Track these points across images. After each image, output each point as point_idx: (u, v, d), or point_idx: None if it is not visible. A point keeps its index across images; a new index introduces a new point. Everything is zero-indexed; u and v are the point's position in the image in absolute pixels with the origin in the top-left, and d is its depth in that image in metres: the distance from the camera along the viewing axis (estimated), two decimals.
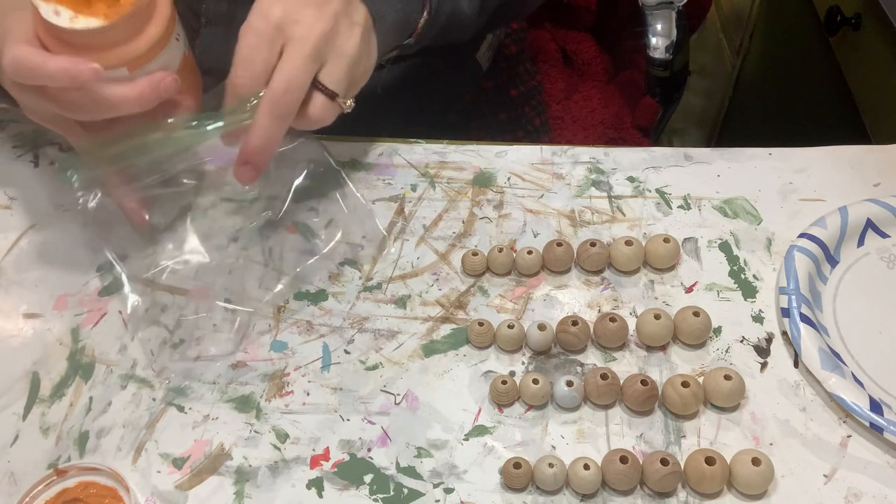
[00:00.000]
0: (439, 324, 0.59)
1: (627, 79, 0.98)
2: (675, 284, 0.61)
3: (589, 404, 0.55)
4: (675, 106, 0.99)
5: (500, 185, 0.68)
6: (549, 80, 0.93)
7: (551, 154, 0.70)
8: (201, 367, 0.57)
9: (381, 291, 0.61)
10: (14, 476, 0.52)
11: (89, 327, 0.59)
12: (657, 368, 0.56)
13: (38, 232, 0.65)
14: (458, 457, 0.52)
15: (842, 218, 0.62)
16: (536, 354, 0.57)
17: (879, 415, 0.51)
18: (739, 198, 0.66)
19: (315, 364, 0.57)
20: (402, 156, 0.70)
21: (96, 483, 0.50)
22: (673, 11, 0.92)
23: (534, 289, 0.61)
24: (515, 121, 0.86)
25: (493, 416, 0.54)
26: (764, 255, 0.62)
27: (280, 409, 0.55)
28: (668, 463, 0.49)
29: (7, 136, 0.72)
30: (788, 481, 0.50)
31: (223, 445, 0.53)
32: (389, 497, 0.50)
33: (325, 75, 0.52)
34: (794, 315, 0.57)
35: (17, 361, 0.57)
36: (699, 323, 0.56)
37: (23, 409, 0.55)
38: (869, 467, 0.51)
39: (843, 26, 1.04)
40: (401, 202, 0.67)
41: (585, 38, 0.98)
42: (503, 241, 0.64)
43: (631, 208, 0.66)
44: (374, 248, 0.63)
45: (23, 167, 0.70)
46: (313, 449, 0.53)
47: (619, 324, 0.56)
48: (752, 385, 0.55)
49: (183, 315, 0.60)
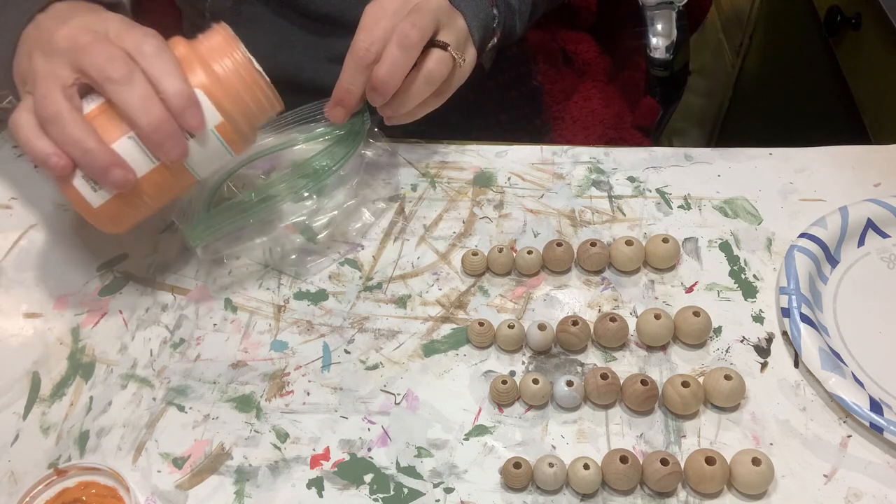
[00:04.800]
0: (439, 324, 0.59)
1: (627, 79, 0.98)
2: (676, 284, 0.61)
3: (589, 404, 0.55)
4: (675, 106, 0.99)
5: (500, 185, 0.68)
6: (549, 81, 0.93)
7: (552, 154, 0.70)
8: (201, 366, 0.57)
9: (382, 291, 0.61)
10: (14, 476, 0.52)
11: (90, 327, 0.59)
12: (657, 368, 0.56)
13: (39, 232, 0.65)
14: (458, 457, 0.52)
15: (842, 218, 0.62)
16: (536, 354, 0.57)
17: (879, 415, 0.51)
18: (740, 198, 0.66)
19: (315, 364, 0.57)
20: (403, 155, 0.70)
21: (96, 483, 0.50)
22: (673, 11, 0.92)
23: (534, 289, 0.61)
24: (516, 121, 0.86)
25: (494, 415, 0.54)
26: (764, 255, 0.62)
27: (280, 408, 0.55)
28: (668, 463, 0.49)
29: (7, 136, 0.72)
30: (788, 481, 0.50)
31: (223, 445, 0.53)
32: (389, 497, 0.50)
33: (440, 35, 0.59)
34: (794, 315, 0.57)
35: (18, 361, 0.57)
36: (699, 323, 0.56)
37: (23, 408, 0.55)
38: (869, 467, 0.51)
39: (843, 26, 1.04)
40: (401, 202, 0.67)
41: (585, 38, 0.98)
42: (503, 241, 0.64)
43: (631, 208, 0.66)
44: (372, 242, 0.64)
45: (23, 167, 0.70)
46: (313, 448, 0.53)
47: (620, 324, 0.56)
48: (752, 385, 0.55)
49: (183, 315, 0.60)
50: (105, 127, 0.50)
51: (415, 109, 0.61)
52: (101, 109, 0.51)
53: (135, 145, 0.51)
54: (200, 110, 0.51)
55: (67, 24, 0.51)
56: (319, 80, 0.63)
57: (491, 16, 0.64)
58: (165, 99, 0.50)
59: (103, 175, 0.50)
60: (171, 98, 0.50)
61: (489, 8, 0.64)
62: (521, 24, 0.70)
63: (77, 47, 0.50)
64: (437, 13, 0.58)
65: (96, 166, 0.49)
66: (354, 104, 0.59)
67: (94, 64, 0.49)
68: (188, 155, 0.52)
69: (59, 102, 0.49)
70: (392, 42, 0.56)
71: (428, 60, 0.59)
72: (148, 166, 0.52)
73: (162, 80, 0.50)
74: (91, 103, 0.51)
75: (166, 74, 0.50)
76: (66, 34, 0.51)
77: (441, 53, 0.59)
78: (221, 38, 0.54)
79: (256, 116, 0.55)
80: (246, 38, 0.53)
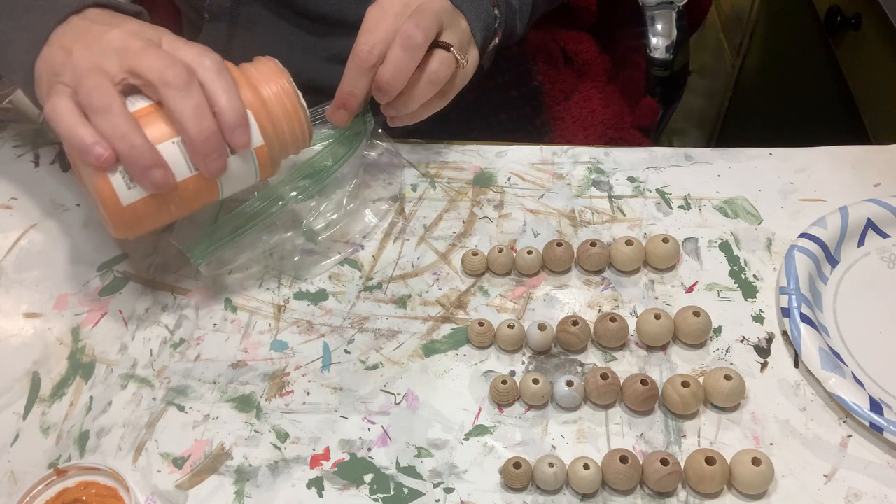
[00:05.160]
0: (439, 324, 0.59)
1: (627, 79, 0.98)
2: (676, 284, 0.61)
3: (589, 404, 0.55)
4: (675, 106, 0.99)
5: (500, 185, 0.68)
6: (549, 81, 0.93)
7: (552, 154, 0.70)
8: (201, 366, 0.57)
9: (382, 291, 0.61)
10: (14, 476, 0.52)
11: (90, 327, 0.59)
12: (657, 368, 0.56)
13: (39, 231, 0.65)
14: (458, 456, 0.52)
15: (842, 218, 0.62)
16: (536, 354, 0.57)
17: (879, 415, 0.51)
18: (740, 198, 0.66)
19: (315, 364, 0.57)
20: (403, 155, 0.70)
21: (96, 483, 0.50)
22: (673, 11, 0.92)
23: (534, 289, 0.61)
24: (516, 121, 0.86)
25: (494, 415, 0.54)
26: (764, 255, 0.62)
27: (280, 408, 0.55)
28: (668, 463, 0.49)
29: (7, 136, 0.72)
30: (788, 481, 0.50)
31: (223, 445, 0.53)
32: (389, 497, 0.50)
33: (443, 37, 0.59)
34: (794, 315, 0.57)
35: (18, 361, 0.57)
36: (699, 323, 0.56)
37: (23, 408, 0.55)
38: (869, 467, 0.51)
39: (843, 26, 1.04)
40: (401, 202, 0.67)
41: (585, 38, 0.98)
42: (503, 241, 0.64)
43: (631, 208, 0.66)
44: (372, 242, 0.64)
45: (23, 167, 0.70)
46: (313, 448, 0.53)
47: (620, 324, 0.56)
48: (752, 385, 0.55)
49: (183, 315, 0.60)
50: (150, 128, 0.50)
51: (419, 110, 0.61)
52: (146, 111, 0.51)
53: (177, 152, 0.51)
54: (249, 130, 0.52)
55: (118, 28, 0.51)
56: (319, 80, 0.63)
57: (492, 16, 0.64)
58: (219, 113, 0.50)
59: (144, 173, 0.49)
60: (225, 113, 0.50)
61: (491, 8, 0.64)
62: (521, 24, 0.70)
63: (130, 49, 0.50)
64: (440, 14, 0.58)
65: (141, 163, 0.49)
66: (357, 107, 0.59)
67: (152, 66, 0.49)
68: (226, 171, 0.52)
69: (112, 95, 0.49)
70: (396, 43, 0.56)
71: (431, 61, 0.59)
72: (184, 175, 0.52)
73: (219, 94, 0.50)
74: (135, 104, 0.51)
75: (223, 90, 0.50)
76: (118, 36, 0.51)
77: (444, 54, 0.59)
78: (271, 66, 0.55)
79: (289, 147, 0.56)
80: (244, 39, 0.53)
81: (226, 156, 0.52)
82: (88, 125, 0.49)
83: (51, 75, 0.52)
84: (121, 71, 0.50)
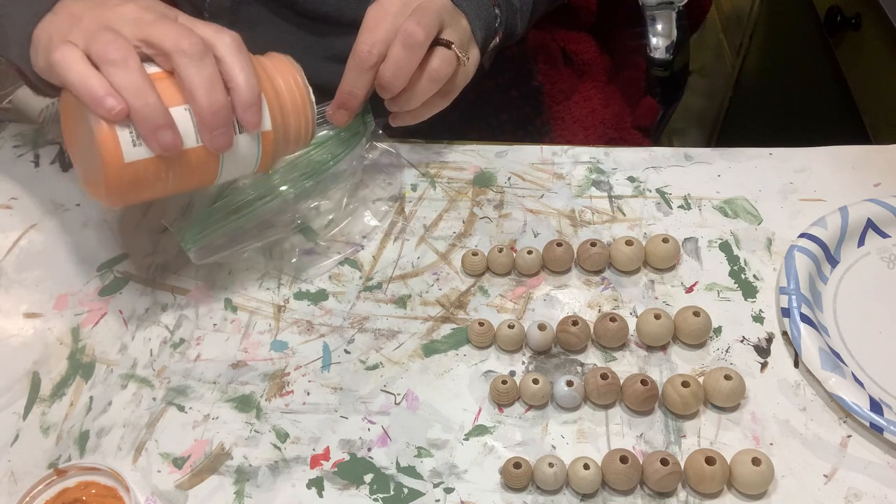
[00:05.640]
0: (439, 324, 0.59)
1: (627, 79, 0.98)
2: (676, 284, 0.61)
3: (589, 404, 0.55)
4: (675, 106, 0.99)
5: (500, 185, 0.68)
6: (549, 81, 0.93)
7: (552, 154, 0.70)
8: (201, 366, 0.57)
9: (382, 291, 0.61)
10: (14, 476, 0.52)
11: (89, 327, 0.59)
12: (657, 368, 0.56)
13: (39, 232, 0.65)
14: (458, 456, 0.52)
15: (842, 218, 0.62)
16: (536, 354, 0.57)
17: (879, 415, 0.51)
18: (740, 198, 0.66)
19: (315, 364, 0.57)
20: (403, 156, 0.70)
21: (96, 483, 0.50)
22: (673, 11, 0.92)
23: (534, 289, 0.61)
24: (516, 121, 0.86)
25: (494, 415, 0.54)
26: (764, 255, 0.62)
27: (280, 408, 0.55)
28: (668, 463, 0.49)
29: (7, 136, 0.72)
30: (788, 481, 0.50)
31: (223, 445, 0.53)
32: (389, 497, 0.50)
33: (443, 35, 0.59)
34: (794, 315, 0.57)
35: (18, 361, 0.57)
36: (699, 323, 0.56)
37: (23, 408, 0.55)
38: (869, 467, 0.51)
39: (843, 26, 1.04)
40: (401, 202, 0.67)
41: (585, 38, 0.98)
42: (503, 241, 0.64)
43: (631, 208, 0.66)
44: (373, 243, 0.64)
45: (23, 167, 0.70)
46: (313, 448, 0.53)
47: (620, 324, 0.56)
48: (752, 385, 0.55)
49: (183, 315, 0.60)
50: (162, 92, 0.49)
51: (420, 110, 0.61)
52: (159, 76, 0.50)
53: (187, 118, 0.50)
54: (261, 111, 0.52)
55: (132, 2, 0.51)
56: (318, 80, 0.63)
57: (493, 15, 0.64)
58: (234, 89, 0.50)
59: (154, 132, 0.48)
60: (241, 89, 0.50)
61: (491, 8, 0.64)
62: (522, 23, 0.70)
63: (144, 20, 0.50)
64: (440, 13, 0.58)
65: (152, 121, 0.48)
66: (357, 107, 0.59)
67: (168, 34, 0.48)
68: (230, 149, 0.51)
69: (129, 49, 0.48)
70: (397, 42, 0.56)
71: (433, 59, 0.59)
72: (189, 145, 0.51)
73: (236, 71, 0.50)
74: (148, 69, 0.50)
75: (241, 67, 0.50)
76: (132, 9, 0.50)
77: (445, 52, 0.59)
78: (285, 60, 0.55)
79: (291, 142, 0.56)
80: (245, 39, 0.53)
81: (233, 133, 0.51)
82: (101, 76, 0.47)
83: (55, 38, 0.50)
84: (134, 39, 0.49)
